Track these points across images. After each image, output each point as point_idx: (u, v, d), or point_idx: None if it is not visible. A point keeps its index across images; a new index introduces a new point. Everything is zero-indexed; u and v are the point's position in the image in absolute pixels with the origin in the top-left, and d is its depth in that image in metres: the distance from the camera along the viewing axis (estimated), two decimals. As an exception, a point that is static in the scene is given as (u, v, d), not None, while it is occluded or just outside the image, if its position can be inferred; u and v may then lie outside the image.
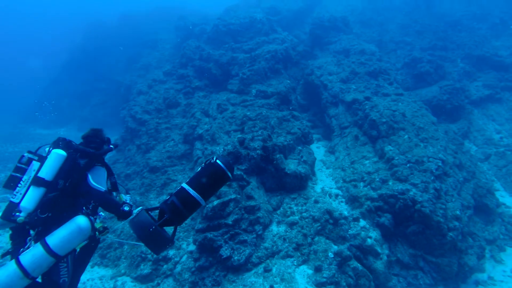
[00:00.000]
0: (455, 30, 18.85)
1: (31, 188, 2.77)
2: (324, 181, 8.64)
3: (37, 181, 2.78)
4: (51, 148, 2.99)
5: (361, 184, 7.99)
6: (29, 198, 2.75)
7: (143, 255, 7.26)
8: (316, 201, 7.58)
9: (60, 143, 3.05)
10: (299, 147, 8.85)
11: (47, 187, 2.81)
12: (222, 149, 7.96)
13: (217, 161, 2.80)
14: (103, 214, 3.23)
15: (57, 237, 2.68)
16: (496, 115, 13.42)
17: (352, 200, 7.66)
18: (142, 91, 13.89)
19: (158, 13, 27.00)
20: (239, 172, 7.47)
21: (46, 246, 2.60)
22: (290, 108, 11.05)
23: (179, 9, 25.87)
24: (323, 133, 11.70)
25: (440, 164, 7.96)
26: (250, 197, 7.23)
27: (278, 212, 7.51)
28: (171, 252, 7.31)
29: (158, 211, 2.85)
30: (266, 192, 7.90)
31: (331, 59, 14.04)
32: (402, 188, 7.29)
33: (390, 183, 7.67)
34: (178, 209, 2.69)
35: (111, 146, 3.47)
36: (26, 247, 2.71)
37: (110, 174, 3.34)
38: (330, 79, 12.28)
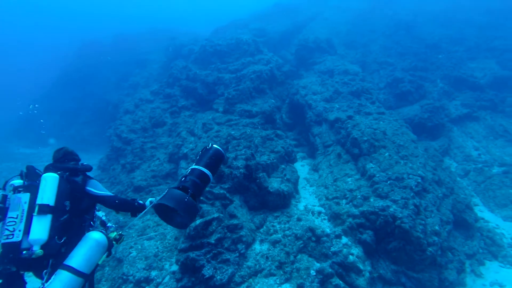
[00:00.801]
0: (434, 52, 19.66)
1: (36, 218, 2.62)
2: (308, 199, 8.74)
3: (41, 209, 2.65)
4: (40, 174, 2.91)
5: (343, 201, 8.11)
6: (38, 229, 2.60)
7: (124, 277, 7.14)
8: (299, 219, 7.65)
9: (51, 167, 3.06)
10: (283, 166, 8.98)
11: (53, 213, 2.71)
12: (206, 168, 8.02)
13: (214, 146, 3.38)
14: (111, 224, 3.36)
15: (79, 257, 2.67)
16: (474, 132, 13.87)
17: (335, 218, 7.75)
18: (129, 110, 13.98)
19: (150, 34, 27.57)
20: (222, 191, 7.53)
21: (71, 269, 2.57)
22: (276, 126, 11.26)
23: (171, 30, 26.47)
24: (308, 151, 11.89)
25: (419, 180, 8.16)
26: (233, 216, 7.26)
27: (261, 230, 7.53)
28: (153, 273, 7.22)
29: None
30: (250, 211, 7.94)
31: (315, 79, 14.46)
32: (383, 204, 7.44)
33: (372, 200, 7.81)
34: (198, 184, 3.03)
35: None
36: (44, 281, 2.58)
37: None
38: (314, 99, 12.61)
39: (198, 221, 6.98)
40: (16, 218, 2.62)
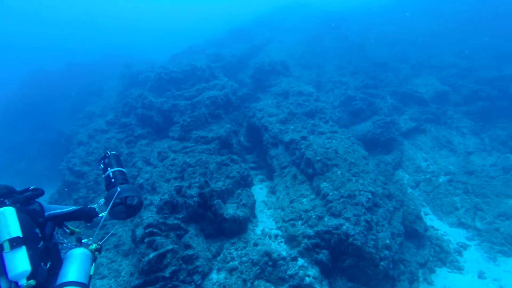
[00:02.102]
0: (383, 70, 20.97)
1: (9, 255, 2.45)
2: (265, 223, 8.79)
3: (13, 244, 2.49)
4: None
5: (299, 222, 8.24)
6: (17, 263, 2.44)
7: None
8: (255, 244, 7.65)
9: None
10: (238, 191, 9.02)
11: (26, 243, 2.55)
12: (159, 199, 7.88)
13: (112, 152, 3.78)
14: (86, 240, 3.32)
15: (74, 271, 2.74)
16: (423, 144, 14.78)
17: (291, 240, 7.84)
18: (83, 142, 13.50)
19: (105, 61, 27.11)
20: (176, 222, 7.39)
21: (72, 283, 2.63)
22: (233, 151, 11.35)
23: (127, 58, 26.19)
24: (266, 173, 12.04)
25: (370, 196, 8.51)
26: (188, 246, 7.13)
27: (218, 258, 7.43)
28: (106, 315, 6.84)
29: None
30: (206, 239, 7.84)
31: (271, 101, 14.84)
32: (336, 223, 7.64)
33: (326, 219, 8.01)
34: (124, 178, 3.58)
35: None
36: None
37: None
38: (270, 121, 12.91)
39: (151, 255, 6.78)
40: None
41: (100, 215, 3.44)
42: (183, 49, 24.19)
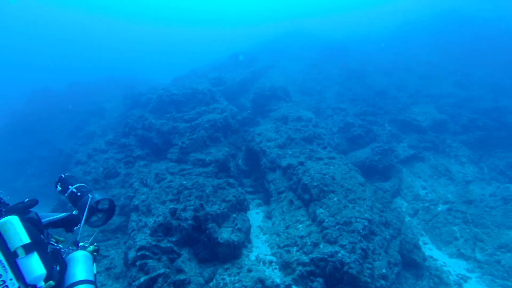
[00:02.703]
0: (382, 98, 21.28)
1: (24, 260, 2.55)
2: (260, 248, 8.65)
3: (27, 249, 2.59)
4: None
5: (294, 248, 8.11)
6: (33, 267, 2.56)
7: None
8: (249, 270, 7.49)
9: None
10: (234, 215, 8.94)
11: (36, 249, 2.65)
12: (153, 221, 7.81)
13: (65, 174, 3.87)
14: (82, 243, 3.45)
15: (81, 271, 2.89)
16: (421, 172, 14.75)
17: (285, 266, 7.69)
18: (81, 161, 13.54)
19: (108, 82, 27.63)
20: (169, 245, 7.29)
21: (82, 282, 2.79)
22: (230, 174, 11.34)
23: (130, 79, 26.74)
24: (263, 198, 11.96)
25: (366, 223, 8.41)
26: (180, 271, 6.99)
27: (210, 284, 7.26)
28: None
29: None
30: (200, 264, 7.69)
31: (270, 126, 15.00)
32: (331, 250, 7.52)
33: (321, 246, 7.88)
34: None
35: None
36: None
37: None
38: (269, 145, 12.98)
39: (142, 279, 6.64)
40: None
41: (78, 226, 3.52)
42: (186, 72, 24.73)
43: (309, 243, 8.01)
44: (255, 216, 10.51)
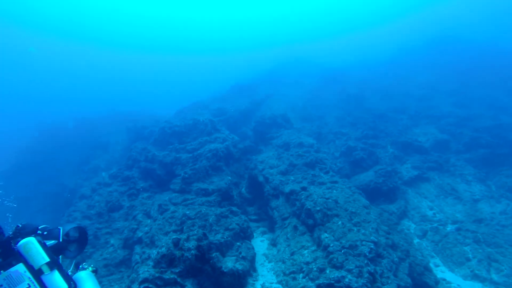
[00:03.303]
0: (382, 121, 21.46)
1: (49, 277, 2.89)
2: (265, 276, 8.46)
3: (50, 266, 2.94)
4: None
5: (300, 275, 7.93)
6: (58, 283, 2.90)
7: None
8: (254, 300, 7.31)
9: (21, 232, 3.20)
10: (238, 243, 8.82)
11: (56, 266, 2.97)
12: (156, 252, 7.74)
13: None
14: (82, 265, 3.66)
15: (91, 286, 3.22)
16: (427, 192, 14.57)
17: (292, 294, 7.49)
18: (85, 195, 13.61)
19: (113, 116, 28.32)
20: (172, 276, 7.17)
21: None
22: (234, 203, 11.31)
23: (134, 113, 27.40)
24: (268, 225, 11.82)
25: (372, 246, 8.25)
26: (183, 303, 6.83)
27: (215, 317, 7.07)
28: None
29: None
30: (204, 296, 7.51)
31: (273, 153, 15.10)
32: (338, 275, 7.34)
33: (328, 271, 7.70)
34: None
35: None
36: None
37: None
38: (271, 172, 13.01)
39: (145, 314, 6.49)
40: (29, 287, 2.83)
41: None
42: (188, 104, 25.31)
43: (315, 269, 7.84)
44: (260, 244, 10.35)
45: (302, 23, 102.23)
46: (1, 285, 2.80)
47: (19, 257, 2.94)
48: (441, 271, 10.25)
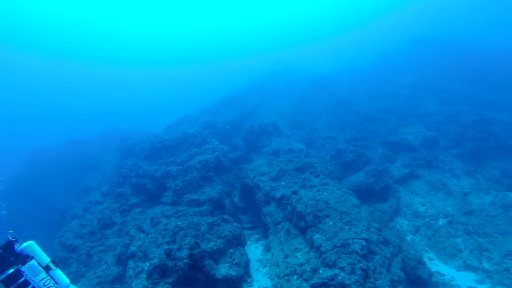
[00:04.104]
0: (371, 122, 21.77)
1: (56, 272, 3.82)
2: (260, 281, 8.46)
3: (54, 264, 3.90)
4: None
5: (294, 277, 7.94)
6: (63, 277, 3.88)
7: None
8: (249, 305, 7.30)
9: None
10: (231, 250, 8.83)
11: (57, 264, 3.90)
12: (148, 264, 7.73)
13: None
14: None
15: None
16: (418, 189, 14.72)
17: (286, 297, 7.49)
18: (77, 215, 13.52)
19: (103, 136, 28.34)
20: (166, 286, 7.16)
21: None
22: (226, 212, 11.33)
23: (124, 131, 27.41)
24: (262, 232, 11.82)
25: (364, 243, 8.33)
26: (178, 313, 6.81)
27: (211, 324, 7.03)
28: None
29: None
30: (199, 304, 7.49)
31: (263, 160, 15.20)
32: (331, 274, 7.39)
33: (321, 271, 7.74)
34: None
35: None
36: None
37: None
38: (262, 179, 13.09)
39: (139, 326, 6.45)
40: (46, 277, 3.63)
41: None
42: (178, 119, 25.42)
43: (308, 269, 7.87)
44: (254, 250, 10.35)
45: (286, 29, 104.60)
46: (26, 274, 3.51)
47: (29, 256, 3.68)
48: (435, 265, 10.33)
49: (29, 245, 3.77)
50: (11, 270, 3.44)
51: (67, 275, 10.58)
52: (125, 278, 9.54)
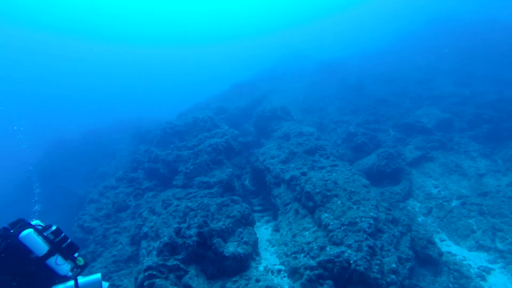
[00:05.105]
0: (383, 106, 21.37)
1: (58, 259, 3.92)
2: (268, 260, 8.59)
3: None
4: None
5: (301, 255, 8.03)
6: (63, 265, 3.99)
7: None
8: (257, 280, 7.43)
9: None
10: (240, 229, 8.98)
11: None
12: (159, 242, 7.96)
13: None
14: None
15: None
16: (432, 171, 14.47)
17: (293, 273, 7.60)
18: (93, 199, 14.00)
19: (119, 124, 28.91)
20: (175, 262, 7.38)
21: None
22: (236, 193, 11.48)
23: (138, 119, 27.93)
24: (272, 214, 11.95)
25: (371, 222, 8.30)
26: (187, 287, 7.01)
27: (219, 298, 7.23)
28: None
29: None
30: (208, 280, 7.68)
31: (273, 144, 15.22)
32: (338, 251, 7.42)
33: (328, 248, 7.80)
34: None
35: None
36: None
37: None
38: (272, 162, 13.14)
39: (151, 299, 6.70)
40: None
41: None
42: (189, 106, 25.65)
43: (315, 247, 7.94)
44: (264, 231, 10.49)
45: (293, 4, 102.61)
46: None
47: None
48: (447, 245, 10.22)
49: (28, 233, 3.76)
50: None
51: (85, 255, 11.09)
52: (138, 257, 9.89)
